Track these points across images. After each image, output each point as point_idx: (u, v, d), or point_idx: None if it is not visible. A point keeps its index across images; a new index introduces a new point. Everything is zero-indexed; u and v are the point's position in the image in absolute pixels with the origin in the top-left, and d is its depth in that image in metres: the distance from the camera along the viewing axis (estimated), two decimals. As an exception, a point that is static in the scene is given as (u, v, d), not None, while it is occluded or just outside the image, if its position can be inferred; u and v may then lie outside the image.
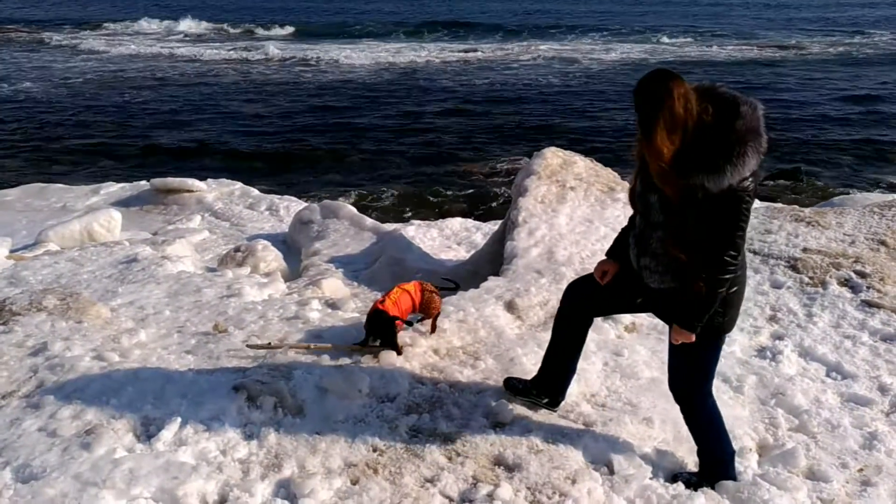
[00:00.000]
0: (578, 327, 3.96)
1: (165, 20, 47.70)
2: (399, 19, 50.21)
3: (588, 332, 4.00)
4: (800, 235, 6.88)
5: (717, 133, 3.03)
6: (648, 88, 3.04)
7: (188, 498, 3.36)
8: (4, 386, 4.26)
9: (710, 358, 3.53)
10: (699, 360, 3.51)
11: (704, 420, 3.65)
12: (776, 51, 37.37)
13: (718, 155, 3.00)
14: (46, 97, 24.50)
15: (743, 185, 3.03)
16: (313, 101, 24.18)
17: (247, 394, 4.07)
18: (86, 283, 6.56)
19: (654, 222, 3.32)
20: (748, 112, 3.06)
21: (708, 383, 3.61)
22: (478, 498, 3.45)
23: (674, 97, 2.99)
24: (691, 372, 3.56)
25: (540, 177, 7.89)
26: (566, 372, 4.09)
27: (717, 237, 3.12)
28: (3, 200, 12.48)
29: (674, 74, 3.05)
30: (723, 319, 3.36)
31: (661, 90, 3.00)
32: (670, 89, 2.99)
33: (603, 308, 3.99)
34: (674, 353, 3.55)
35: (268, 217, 11.47)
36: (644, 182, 3.33)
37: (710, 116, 3.06)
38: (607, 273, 3.75)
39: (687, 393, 3.62)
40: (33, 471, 3.44)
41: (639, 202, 3.42)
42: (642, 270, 3.47)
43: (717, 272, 3.17)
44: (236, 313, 5.47)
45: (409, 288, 4.91)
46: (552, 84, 27.68)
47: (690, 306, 3.27)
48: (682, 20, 51.60)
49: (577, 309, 3.92)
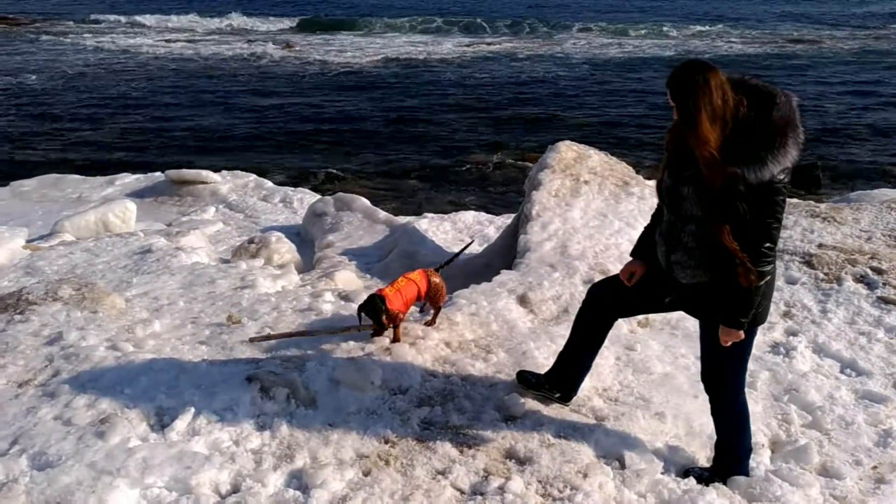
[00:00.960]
0: (600, 327, 3.93)
1: (177, 14, 47.83)
2: (411, 11, 50.13)
3: (608, 331, 3.96)
4: (815, 231, 6.84)
5: (757, 125, 3.02)
6: (687, 78, 3.04)
7: (201, 487, 3.38)
8: (21, 374, 4.30)
9: (746, 350, 3.50)
10: (736, 353, 3.45)
11: (733, 414, 3.62)
12: (790, 44, 37.10)
13: (760, 146, 2.99)
14: (61, 89, 24.64)
15: (780, 178, 3.03)
16: (326, 94, 24.19)
17: (260, 385, 4.09)
18: (101, 274, 6.60)
19: (686, 215, 3.26)
20: (784, 103, 3.05)
21: (743, 376, 3.59)
22: (489, 491, 3.45)
23: (711, 87, 2.99)
24: (728, 365, 3.52)
25: (554, 170, 7.87)
26: (581, 369, 4.08)
27: (757, 229, 3.09)
28: (19, 191, 12.57)
29: (709, 65, 3.05)
30: (759, 311, 3.33)
31: (699, 80, 3.00)
32: (708, 79, 2.99)
33: (629, 309, 3.96)
34: (708, 348, 3.51)
35: (281, 209, 11.50)
36: (675, 174, 3.28)
37: (745, 108, 3.06)
38: (635, 274, 3.72)
39: (722, 386, 3.58)
40: (49, 458, 3.47)
41: (667, 195, 3.36)
42: (673, 266, 3.41)
43: (758, 264, 3.14)
44: (250, 305, 5.49)
45: (414, 277, 4.90)
46: (566, 77, 27.57)
47: (735, 303, 3.24)
48: (692, 12, 51.25)
49: (602, 309, 3.88)
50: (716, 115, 3.01)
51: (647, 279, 3.68)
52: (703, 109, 2.99)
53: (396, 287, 4.70)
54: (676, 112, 3.11)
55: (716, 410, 3.67)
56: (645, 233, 3.77)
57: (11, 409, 3.89)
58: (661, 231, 3.48)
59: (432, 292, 4.95)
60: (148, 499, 3.31)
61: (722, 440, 3.70)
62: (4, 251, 7.51)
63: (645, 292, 3.72)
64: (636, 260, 3.76)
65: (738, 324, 3.26)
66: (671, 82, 3.10)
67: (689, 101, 3.01)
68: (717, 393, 3.62)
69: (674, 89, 3.09)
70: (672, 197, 3.32)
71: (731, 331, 3.29)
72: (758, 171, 2.98)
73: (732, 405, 3.61)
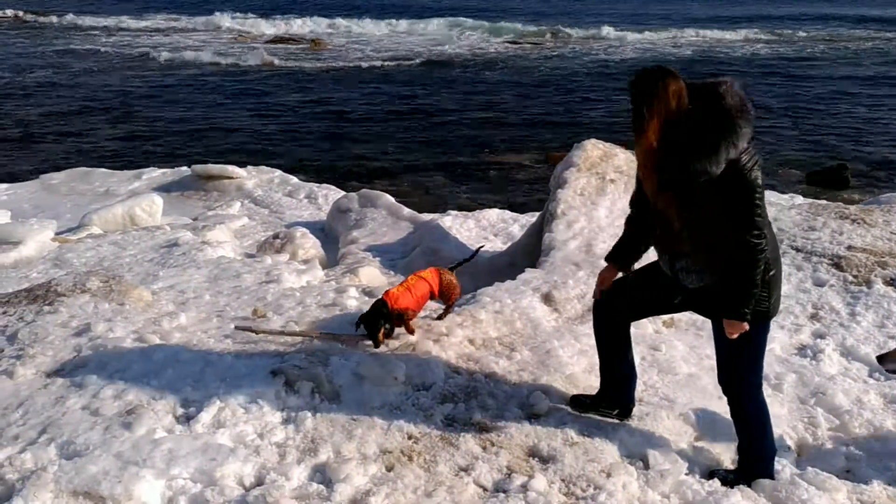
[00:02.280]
0: (616, 333, 3.90)
1: (204, 14, 48.12)
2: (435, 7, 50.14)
3: (630, 333, 3.93)
4: (844, 233, 6.75)
5: (704, 118, 3.08)
6: (644, 85, 3.10)
7: (225, 479, 3.41)
8: (49, 365, 4.36)
9: (759, 344, 3.48)
10: (748, 348, 3.45)
11: (752, 414, 3.60)
12: (816, 43, 36.68)
13: (710, 136, 3.05)
14: (90, 84, 24.90)
15: (744, 161, 3.07)
16: (352, 91, 24.23)
17: (284, 378, 4.12)
18: (128, 267, 6.68)
19: (678, 225, 3.32)
20: (727, 90, 3.11)
21: (758, 373, 3.57)
22: (512, 488, 3.45)
23: (669, 93, 3.06)
24: (741, 362, 3.51)
25: (580, 169, 7.83)
26: (623, 378, 3.99)
27: (736, 219, 3.13)
28: (49, 184, 12.73)
29: (669, 71, 3.11)
30: (768, 303, 3.34)
31: (656, 87, 3.06)
32: (666, 85, 3.06)
33: (639, 311, 3.94)
34: (721, 345, 3.51)
35: (306, 205, 11.54)
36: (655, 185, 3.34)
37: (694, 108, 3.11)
38: (606, 280, 3.82)
39: (736, 384, 3.57)
40: (76, 448, 3.51)
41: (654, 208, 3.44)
42: (678, 273, 3.46)
43: (747, 255, 3.17)
44: (275, 299, 5.53)
45: (425, 275, 4.91)
46: (592, 76, 27.42)
47: (735, 294, 3.25)
48: (715, 14, 50.78)
49: (611, 315, 3.87)
50: (669, 119, 3.08)
51: (654, 281, 3.69)
52: (655, 116, 3.06)
53: (406, 285, 4.70)
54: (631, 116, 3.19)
55: (735, 411, 3.66)
56: (621, 241, 3.84)
57: (41, 398, 3.95)
58: (658, 240, 3.53)
59: (445, 290, 4.97)
60: (173, 489, 3.34)
61: (744, 442, 3.68)
62: (34, 243, 7.63)
63: (653, 294, 3.73)
64: (609, 266, 3.85)
65: (741, 314, 3.27)
66: (630, 86, 3.15)
67: (643, 107, 3.08)
68: (735, 394, 3.61)
69: (631, 93, 3.15)
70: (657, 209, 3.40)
71: (735, 322, 3.30)
72: (715, 158, 3.04)
73: (749, 404, 3.60)
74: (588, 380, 4.38)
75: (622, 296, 3.80)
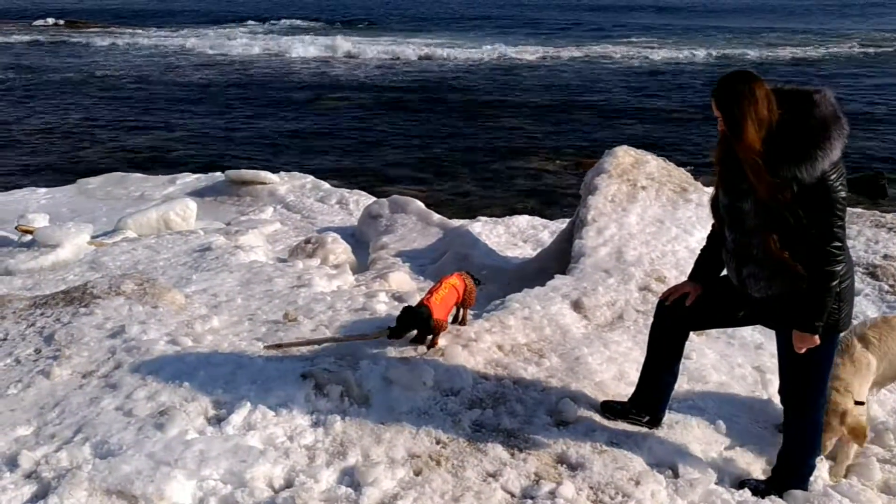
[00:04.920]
0: (674, 341, 3.85)
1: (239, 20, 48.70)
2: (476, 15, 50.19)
3: (684, 344, 3.87)
4: (880, 241, 6.65)
5: (800, 125, 3.04)
6: (733, 89, 3.07)
7: (255, 481, 3.44)
8: (85, 366, 4.43)
9: (828, 358, 3.42)
10: (817, 362, 3.38)
11: (808, 431, 3.52)
12: (850, 48, 36.17)
13: (806, 143, 3.01)
14: (127, 91, 25.33)
15: (833, 174, 3.02)
16: (383, 98, 24.38)
17: (314, 382, 4.15)
18: (161, 270, 6.77)
19: (750, 229, 3.26)
20: (822, 100, 3.08)
21: (825, 387, 3.50)
22: (539, 495, 3.44)
23: (757, 97, 3.03)
24: (809, 376, 3.43)
25: (611, 175, 7.80)
26: (663, 386, 3.95)
27: (818, 229, 3.09)
28: (85, 188, 12.95)
29: (755, 75, 3.09)
30: (839, 316, 3.28)
31: (745, 90, 3.04)
32: (753, 89, 3.04)
33: (702, 323, 3.91)
34: (787, 358, 3.42)
35: (338, 210, 11.61)
36: (730, 190, 3.29)
37: (787, 113, 3.07)
38: (689, 295, 3.69)
39: (800, 398, 3.47)
40: (110, 447, 3.57)
41: (726, 213, 3.38)
42: (746, 280, 3.39)
43: (825, 265, 3.12)
44: (306, 303, 5.57)
45: (454, 282, 4.92)
46: (623, 83, 27.31)
47: (808, 307, 3.19)
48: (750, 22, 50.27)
49: (673, 323, 3.80)
50: (762, 123, 3.04)
51: (719, 293, 3.63)
52: (748, 117, 3.03)
53: (440, 296, 4.70)
54: (722, 122, 3.14)
55: (790, 424, 3.57)
56: (702, 256, 3.76)
57: (76, 398, 4.02)
58: (728, 249, 3.46)
59: (467, 296, 4.99)
60: (204, 490, 3.38)
61: (788, 452, 3.61)
62: (71, 246, 7.76)
63: (718, 306, 3.67)
64: (691, 282, 3.75)
65: (813, 328, 3.20)
66: (717, 91, 3.14)
67: (735, 110, 3.05)
68: (796, 408, 3.51)
69: (719, 98, 3.13)
70: (732, 213, 3.33)
71: (805, 336, 3.23)
72: (809, 167, 3.00)
73: (810, 419, 3.51)
74: (617, 387, 4.36)
75: (691, 306, 3.71)
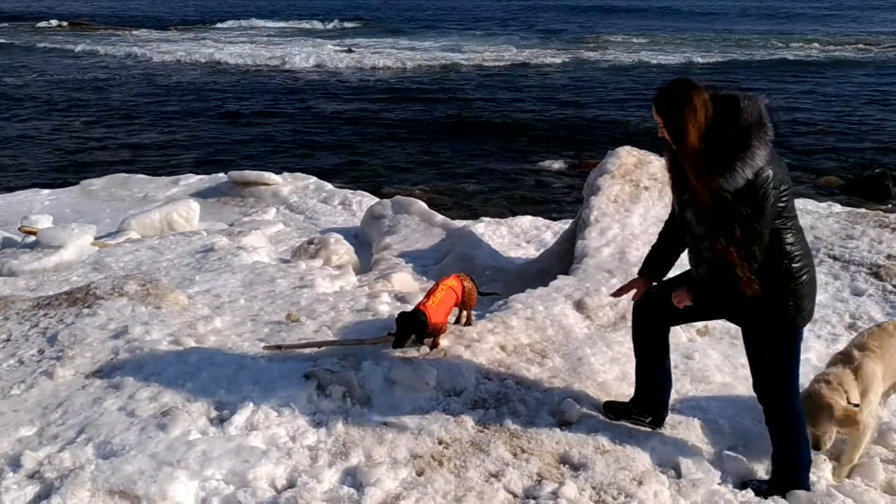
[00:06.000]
0: (655, 338, 3.90)
1: (243, 19, 48.78)
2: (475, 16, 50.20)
3: (667, 340, 3.92)
4: (884, 242, 6.63)
5: (724, 133, 3.13)
6: (675, 97, 3.16)
7: (258, 481, 3.45)
8: (88, 366, 4.44)
9: (789, 353, 3.48)
10: (777, 357, 3.48)
11: (787, 421, 3.56)
12: (853, 51, 36.13)
13: (728, 152, 3.09)
14: (130, 92, 25.37)
15: (761, 180, 3.08)
16: (385, 99, 24.38)
17: (317, 382, 4.15)
18: (164, 271, 6.78)
19: (697, 235, 3.41)
20: (749, 106, 3.15)
21: (793, 381, 3.54)
22: (542, 495, 3.44)
23: (696, 105, 3.12)
24: (772, 369, 3.51)
25: (613, 176, 7.79)
26: (658, 385, 3.97)
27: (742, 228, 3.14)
28: (89, 189, 12.95)
29: (694, 84, 3.19)
30: (795, 313, 3.34)
31: (685, 98, 3.13)
32: (692, 97, 3.13)
33: (676, 317, 3.91)
34: (752, 353, 3.55)
35: (340, 211, 11.61)
36: (678, 199, 3.47)
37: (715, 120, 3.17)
38: (637, 290, 3.86)
39: (771, 392, 3.55)
40: (113, 448, 3.58)
41: (679, 218, 3.56)
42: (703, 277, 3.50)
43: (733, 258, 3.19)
44: (308, 304, 5.57)
45: (451, 284, 4.91)
46: (625, 84, 27.28)
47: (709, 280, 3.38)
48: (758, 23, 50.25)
49: (650, 320, 3.87)
50: (700, 129, 3.13)
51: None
52: (689, 124, 3.12)
53: (438, 299, 4.69)
54: (663, 129, 3.23)
55: (770, 420, 3.63)
56: (652, 252, 3.90)
57: (79, 399, 4.02)
58: (688, 246, 3.60)
59: (466, 297, 4.98)
60: (206, 490, 3.39)
61: (778, 451, 3.64)
62: (74, 247, 7.76)
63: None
64: (639, 278, 3.90)
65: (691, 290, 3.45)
66: (658, 99, 3.22)
67: (677, 117, 3.15)
68: (770, 402, 3.59)
69: (660, 105, 3.21)
70: (682, 220, 3.50)
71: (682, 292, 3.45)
72: (729, 178, 3.09)
73: (784, 412, 3.56)
74: (620, 387, 4.35)
75: (660, 301, 3.77)
